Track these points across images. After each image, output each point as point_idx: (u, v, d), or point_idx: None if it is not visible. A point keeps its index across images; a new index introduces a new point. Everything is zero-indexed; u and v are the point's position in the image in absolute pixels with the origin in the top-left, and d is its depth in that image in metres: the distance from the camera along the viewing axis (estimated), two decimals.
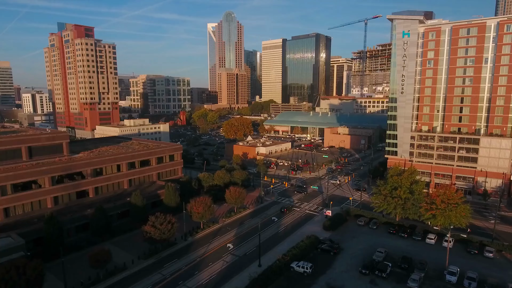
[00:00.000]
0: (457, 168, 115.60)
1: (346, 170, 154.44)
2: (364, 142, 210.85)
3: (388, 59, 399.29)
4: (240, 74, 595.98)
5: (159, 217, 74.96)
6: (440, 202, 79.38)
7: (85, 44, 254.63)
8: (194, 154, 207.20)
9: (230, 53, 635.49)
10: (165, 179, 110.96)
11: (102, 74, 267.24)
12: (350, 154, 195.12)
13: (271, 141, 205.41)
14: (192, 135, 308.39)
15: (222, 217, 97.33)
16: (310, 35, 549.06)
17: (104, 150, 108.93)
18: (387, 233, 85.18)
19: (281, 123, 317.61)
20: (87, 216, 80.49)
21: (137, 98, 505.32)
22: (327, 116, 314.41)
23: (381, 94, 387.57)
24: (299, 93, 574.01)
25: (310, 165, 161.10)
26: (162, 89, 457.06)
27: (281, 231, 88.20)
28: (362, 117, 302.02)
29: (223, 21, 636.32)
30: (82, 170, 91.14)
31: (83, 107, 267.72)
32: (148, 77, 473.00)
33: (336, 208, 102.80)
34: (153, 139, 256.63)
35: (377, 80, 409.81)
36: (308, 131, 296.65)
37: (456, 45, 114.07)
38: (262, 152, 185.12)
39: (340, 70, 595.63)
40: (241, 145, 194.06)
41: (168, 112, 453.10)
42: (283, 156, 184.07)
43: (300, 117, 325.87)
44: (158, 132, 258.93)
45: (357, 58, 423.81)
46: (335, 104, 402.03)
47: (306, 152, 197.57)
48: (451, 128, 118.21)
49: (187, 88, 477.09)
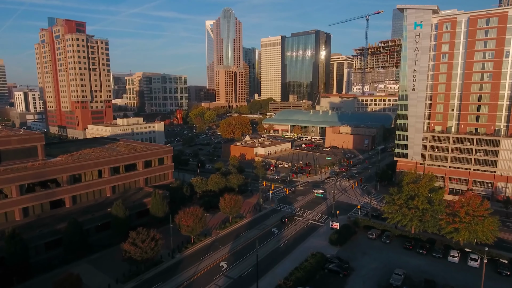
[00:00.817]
0: (474, 172, 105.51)
1: (351, 173, 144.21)
2: (368, 142, 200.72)
3: (390, 55, 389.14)
4: (239, 72, 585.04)
5: (141, 233, 64.65)
6: (464, 214, 69.34)
7: (76, 39, 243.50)
8: (189, 155, 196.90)
9: (228, 50, 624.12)
10: (153, 184, 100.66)
11: (94, 71, 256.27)
12: (354, 155, 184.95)
13: (270, 141, 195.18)
14: (189, 134, 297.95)
15: (215, 228, 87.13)
16: (309, 32, 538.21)
17: (86, 153, 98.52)
18: (402, 248, 75.00)
19: (280, 122, 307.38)
20: (59, 231, 70.14)
21: (133, 96, 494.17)
22: (327, 115, 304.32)
23: (382, 92, 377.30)
24: (299, 91, 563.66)
25: (312, 167, 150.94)
26: (158, 87, 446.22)
27: (282, 246, 78.01)
28: (364, 115, 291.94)
29: (221, 18, 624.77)
30: (57, 177, 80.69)
31: (75, 105, 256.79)
32: (144, 75, 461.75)
33: (343, 217, 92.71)
34: (147, 139, 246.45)
35: (378, 77, 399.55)
36: (309, 130, 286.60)
37: (473, 37, 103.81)
38: (260, 153, 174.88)
39: (341, 68, 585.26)
40: (239, 145, 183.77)
41: (165, 110, 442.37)
42: (283, 157, 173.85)
43: (300, 116, 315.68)
44: (152, 132, 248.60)
45: (358, 55, 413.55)
46: (336, 102, 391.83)
47: (307, 153, 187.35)
48: (467, 128, 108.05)
49: (184, 86, 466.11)
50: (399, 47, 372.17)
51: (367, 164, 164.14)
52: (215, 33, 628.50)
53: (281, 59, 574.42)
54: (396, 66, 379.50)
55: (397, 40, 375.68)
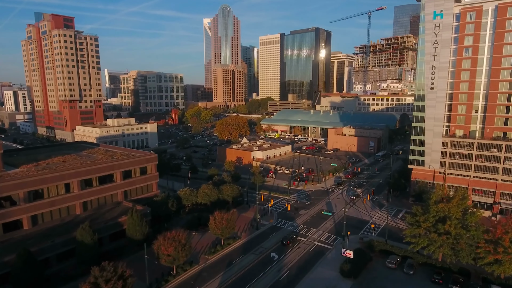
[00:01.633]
0: (503, 183, 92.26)
1: (358, 181, 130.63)
2: (374, 145, 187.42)
3: (393, 53, 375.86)
4: (237, 70, 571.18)
5: (106, 270, 51.15)
6: (509, 243, 56.15)
7: (64, 35, 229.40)
8: (182, 158, 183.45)
9: (226, 48, 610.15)
10: (134, 198, 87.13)
11: (83, 69, 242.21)
12: (359, 159, 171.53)
13: (268, 144, 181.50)
14: (184, 135, 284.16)
15: (204, 252, 73.69)
16: (309, 30, 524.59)
17: (55, 162, 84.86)
18: (429, 281, 61.66)
19: (279, 122, 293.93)
20: (7, 264, 56.60)
21: (128, 96, 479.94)
22: (329, 115, 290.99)
23: (385, 91, 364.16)
24: (298, 90, 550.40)
25: (314, 173, 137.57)
26: (153, 86, 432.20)
27: (284, 278, 64.53)
28: (367, 116, 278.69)
29: (219, 16, 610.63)
30: (12, 194, 67.06)
31: (63, 105, 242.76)
32: (139, 73, 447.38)
33: (354, 237, 79.36)
34: (139, 140, 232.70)
35: (381, 76, 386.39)
36: (309, 131, 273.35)
37: (502, 29, 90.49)
38: (258, 157, 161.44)
39: (341, 66, 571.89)
40: (235, 148, 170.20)
41: (160, 110, 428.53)
42: (283, 162, 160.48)
43: (300, 116, 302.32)
44: (145, 133, 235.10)
45: (360, 53, 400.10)
46: (337, 101, 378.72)
47: (308, 157, 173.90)
48: (494, 133, 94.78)
49: (180, 85, 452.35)
50: (402, 44, 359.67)
51: (373, 168, 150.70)
52: (213, 30, 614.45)
53: (280, 58, 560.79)
54: (399, 65, 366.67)
55: (400, 38, 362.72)
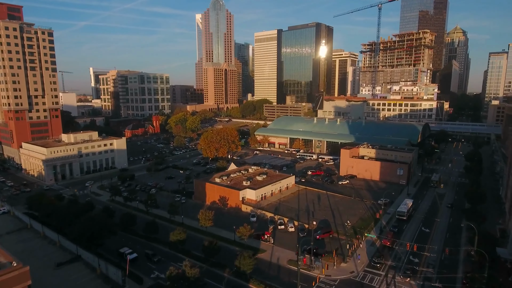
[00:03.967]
0: None
1: (403, 254, 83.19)
2: (403, 173, 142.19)
3: (407, 51, 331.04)
4: (230, 70, 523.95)
5: None
6: None
7: (5, 28, 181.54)
8: (151, 190, 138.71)
9: (219, 45, 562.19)
10: None
11: (34, 71, 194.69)
12: (389, 198, 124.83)
13: (263, 177, 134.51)
14: (163, 150, 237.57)
15: None
16: (309, 25, 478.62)
17: None
18: None
19: (277, 132, 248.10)
20: None
21: (107, 98, 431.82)
22: (335, 124, 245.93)
23: (397, 95, 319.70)
24: (297, 91, 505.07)
25: (332, 233, 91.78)
26: (135, 88, 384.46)
27: None
28: (381, 126, 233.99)
29: (210, 10, 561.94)
30: None
31: (7, 115, 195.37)
32: (119, 73, 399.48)
33: None
34: (102, 161, 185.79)
35: (392, 77, 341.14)
36: (313, 145, 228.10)
37: None
38: (250, 197, 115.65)
39: (343, 66, 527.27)
40: (218, 182, 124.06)
41: (143, 115, 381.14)
42: (284, 204, 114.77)
43: (301, 125, 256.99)
44: (110, 151, 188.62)
45: (368, 51, 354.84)
46: (342, 106, 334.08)
47: (319, 193, 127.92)
48: None
49: (165, 86, 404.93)
50: (418, 41, 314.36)
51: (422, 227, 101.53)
52: (204, 26, 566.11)
53: (277, 56, 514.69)
54: (414, 65, 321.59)
55: (415, 34, 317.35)
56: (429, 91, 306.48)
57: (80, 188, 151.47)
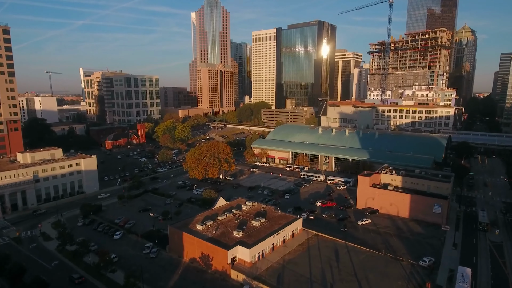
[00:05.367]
0: None
1: None
2: (440, 211, 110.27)
3: (421, 52, 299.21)
4: (225, 71, 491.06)
5: None
6: None
7: None
8: (116, 234, 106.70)
9: (214, 45, 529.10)
10: None
11: None
12: (426, 248, 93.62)
13: (261, 221, 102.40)
14: (146, 165, 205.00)
15: None
16: (310, 23, 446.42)
17: None
18: None
19: (277, 145, 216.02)
20: None
21: (92, 102, 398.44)
22: (343, 136, 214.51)
23: (410, 101, 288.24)
24: (297, 93, 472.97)
25: None
26: (121, 91, 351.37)
27: None
28: (397, 139, 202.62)
29: (205, 7, 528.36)
30: None
31: None
32: (103, 76, 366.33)
33: None
34: (66, 185, 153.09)
35: (404, 81, 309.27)
36: (319, 162, 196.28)
37: None
38: (242, 258, 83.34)
39: (347, 67, 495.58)
40: (200, 230, 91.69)
41: (130, 121, 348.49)
42: (290, 271, 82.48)
43: (304, 135, 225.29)
44: (76, 173, 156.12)
45: (377, 52, 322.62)
46: (348, 113, 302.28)
47: (335, 244, 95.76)
48: None
49: (155, 89, 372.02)
50: (433, 41, 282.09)
51: None
52: (198, 24, 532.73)
53: (276, 56, 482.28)
54: (429, 67, 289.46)
55: (431, 32, 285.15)
56: (446, 97, 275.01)
57: (30, 225, 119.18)
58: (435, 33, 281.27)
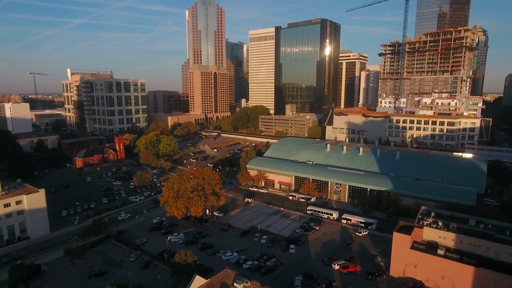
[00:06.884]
0: None
1: None
2: None
3: (442, 55, 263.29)
4: (220, 73, 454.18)
5: None
6: None
7: None
8: None
9: (208, 45, 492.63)
10: None
11: None
12: None
13: None
14: (119, 191, 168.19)
15: None
16: (313, 22, 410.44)
17: None
18: None
19: (277, 165, 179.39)
20: None
21: (71, 108, 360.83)
22: (357, 155, 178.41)
23: (429, 110, 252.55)
24: (298, 96, 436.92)
25: None
26: (102, 96, 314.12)
27: None
28: (424, 161, 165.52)
29: (198, 5, 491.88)
30: None
31: None
32: (82, 79, 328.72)
33: None
34: (3, 229, 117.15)
35: (421, 87, 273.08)
36: (328, 190, 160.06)
37: None
38: None
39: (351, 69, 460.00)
40: None
41: (112, 130, 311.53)
42: None
43: (310, 154, 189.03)
44: (17, 213, 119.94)
45: (389, 53, 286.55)
46: (357, 123, 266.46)
47: None
48: None
49: (140, 94, 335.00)
50: (456, 42, 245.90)
51: None
52: (191, 23, 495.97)
53: (275, 57, 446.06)
54: (452, 71, 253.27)
55: (454, 31, 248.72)
56: (471, 106, 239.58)
57: None
58: (459, 33, 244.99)
